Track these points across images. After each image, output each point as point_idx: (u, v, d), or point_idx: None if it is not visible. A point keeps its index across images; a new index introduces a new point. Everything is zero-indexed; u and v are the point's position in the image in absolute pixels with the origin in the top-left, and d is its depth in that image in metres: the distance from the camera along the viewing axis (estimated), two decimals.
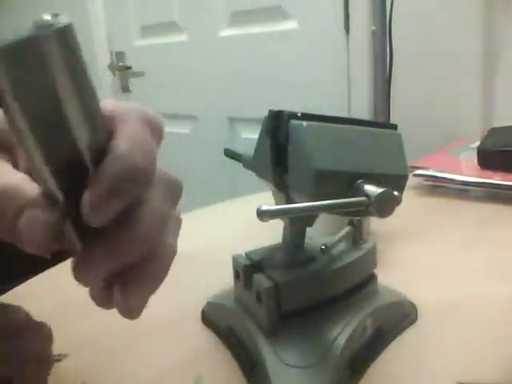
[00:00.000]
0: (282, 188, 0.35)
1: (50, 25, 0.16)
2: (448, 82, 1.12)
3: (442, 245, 0.57)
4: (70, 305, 0.46)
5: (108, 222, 0.21)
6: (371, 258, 0.40)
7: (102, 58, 1.88)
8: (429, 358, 0.36)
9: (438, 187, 0.78)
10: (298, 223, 0.37)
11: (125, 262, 0.22)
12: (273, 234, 0.40)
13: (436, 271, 0.51)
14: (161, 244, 0.24)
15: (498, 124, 1.00)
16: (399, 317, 0.41)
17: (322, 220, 0.38)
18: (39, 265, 0.47)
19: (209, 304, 0.44)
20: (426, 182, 0.79)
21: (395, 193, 0.30)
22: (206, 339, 0.41)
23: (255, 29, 1.46)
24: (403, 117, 0.97)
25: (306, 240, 0.38)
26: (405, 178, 0.35)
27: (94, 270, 0.21)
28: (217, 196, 0.82)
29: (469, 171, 0.77)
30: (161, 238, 0.23)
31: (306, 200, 0.31)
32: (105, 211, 0.20)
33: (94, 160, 0.20)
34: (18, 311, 0.29)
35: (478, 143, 0.83)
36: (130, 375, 0.37)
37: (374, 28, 0.99)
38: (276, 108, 0.34)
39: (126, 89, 1.87)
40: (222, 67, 1.56)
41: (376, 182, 0.31)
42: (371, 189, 0.30)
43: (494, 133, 0.89)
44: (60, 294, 0.49)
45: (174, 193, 0.25)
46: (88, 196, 0.20)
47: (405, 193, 0.33)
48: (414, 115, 1.14)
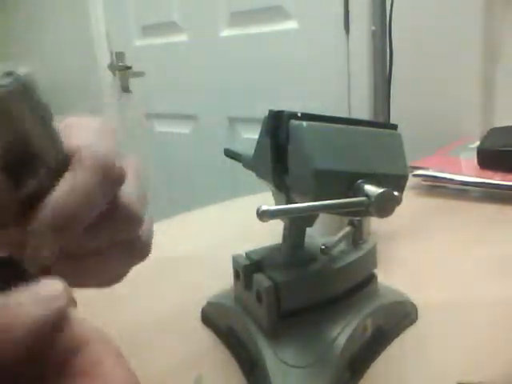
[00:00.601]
0: (282, 188, 0.35)
1: (4, 85, 0.18)
2: (448, 82, 1.12)
3: (442, 245, 0.57)
4: None
5: None
6: (371, 257, 0.40)
7: (102, 57, 1.88)
8: (429, 357, 0.36)
9: (437, 187, 0.78)
10: (297, 223, 0.37)
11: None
12: (273, 234, 0.40)
13: (436, 271, 0.51)
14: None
15: (498, 124, 1.00)
16: (399, 317, 0.41)
17: (322, 220, 0.38)
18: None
19: (209, 304, 0.44)
20: (425, 182, 0.79)
21: (395, 193, 0.30)
22: (205, 339, 0.41)
23: (255, 29, 1.46)
24: (403, 117, 0.96)
25: (306, 240, 0.38)
26: (405, 177, 0.35)
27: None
28: (217, 196, 0.82)
29: (469, 171, 0.77)
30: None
31: (306, 200, 0.31)
32: (41, 253, 0.21)
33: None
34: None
35: (477, 143, 0.83)
36: None
37: (373, 28, 0.99)
38: (276, 108, 0.34)
39: (126, 89, 1.87)
40: (222, 67, 1.56)
41: (376, 181, 0.31)
42: (371, 189, 0.30)
43: (493, 133, 0.89)
44: None
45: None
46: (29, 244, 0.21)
47: (405, 193, 0.33)
48: (413, 115, 1.14)
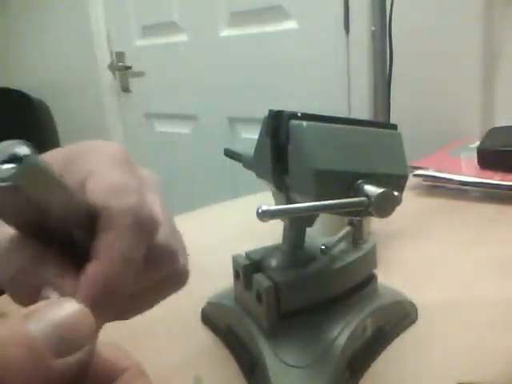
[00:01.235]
0: (282, 188, 0.35)
1: (9, 176, 0.17)
2: (448, 82, 1.12)
3: (442, 245, 0.57)
4: None
5: None
6: (371, 258, 0.40)
7: (102, 57, 1.88)
8: (429, 357, 0.36)
9: (437, 187, 0.78)
10: (297, 223, 0.37)
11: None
12: (273, 234, 0.40)
13: (436, 271, 0.51)
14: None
15: (498, 124, 1.00)
16: (399, 317, 0.41)
17: (322, 220, 0.38)
18: None
19: (209, 304, 0.44)
20: (425, 182, 0.79)
21: (395, 193, 0.30)
22: (205, 339, 0.41)
23: (255, 29, 1.46)
24: (403, 117, 0.96)
25: (306, 240, 0.38)
26: (405, 177, 0.35)
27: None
28: (217, 196, 0.82)
29: (469, 171, 0.77)
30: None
31: (306, 200, 0.31)
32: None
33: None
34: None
35: (477, 143, 0.83)
36: None
37: (373, 28, 0.99)
38: (276, 108, 0.34)
39: (126, 89, 1.87)
40: (222, 67, 1.56)
41: (376, 182, 0.31)
42: (371, 189, 0.30)
43: (493, 133, 0.89)
44: None
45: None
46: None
47: (405, 193, 0.33)
48: (413, 115, 1.14)
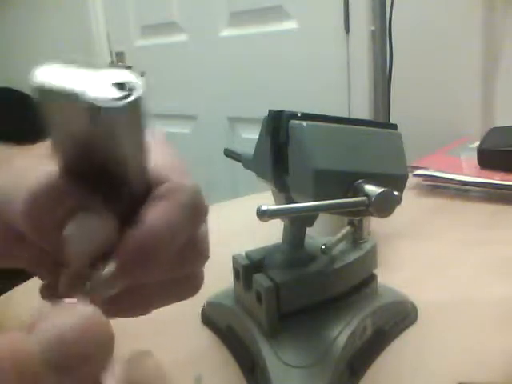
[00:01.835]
0: (282, 188, 0.35)
1: (125, 95, 0.17)
2: (448, 82, 1.12)
3: (442, 245, 0.57)
4: None
5: None
6: (371, 257, 0.40)
7: (102, 58, 1.88)
8: (429, 358, 0.36)
9: (437, 187, 0.78)
10: (297, 223, 0.37)
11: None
12: (273, 234, 0.40)
13: (436, 271, 0.51)
14: None
15: (498, 124, 1.00)
16: (399, 317, 0.40)
17: (322, 220, 0.38)
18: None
19: (209, 304, 0.44)
20: (425, 182, 0.79)
21: (395, 193, 0.30)
22: (205, 339, 0.41)
23: (255, 29, 1.46)
24: (403, 117, 0.96)
25: (306, 240, 0.38)
26: (405, 177, 0.35)
27: None
28: (217, 196, 0.82)
29: (469, 171, 0.77)
30: None
31: (306, 200, 0.31)
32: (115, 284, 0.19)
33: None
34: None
35: (477, 143, 0.83)
36: None
37: (373, 28, 0.99)
38: (276, 108, 0.34)
39: None
40: (222, 67, 1.55)
41: (376, 181, 0.31)
42: (371, 189, 0.30)
43: (493, 133, 0.89)
44: None
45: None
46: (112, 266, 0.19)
47: (405, 193, 0.33)
48: (413, 115, 1.14)
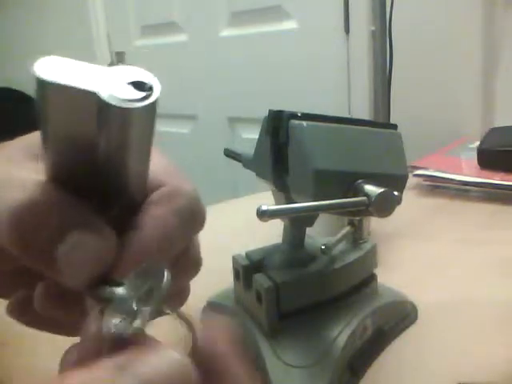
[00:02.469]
0: (282, 188, 0.35)
1: (142, 97, 0.16)
2: (448, 82, 1.12)
3: (442, 245, 0.57)
4: None
5: None
6: (371, 257, 0.40)
7: (102, 58, 1.88)
8: (429, 358, 0.36)
9: (437, 187, 0.78)
10: (297, 223, 0.37)
11: None
12: (273, 234, 0.40)
13: (436, 271, 0.51)
14: None
15: (498, 124, 1.00)
16: (399, 317, 0.40)
17: (322, 220, 0.38)
18: None
19: (209, 304, 0.43)
20: (425, 182, 0.79)
21: (395, 193, 0.30)
22: None
23: (255, 29, 1.46)
24: (403, 117, 0.96)
25: (306, 240, 0.38)
26: (405, 177, 0.35)
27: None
28: (217, 196, 0.82)
29: (469, 171, 0.77)
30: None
31: (306, 200, 0.31)
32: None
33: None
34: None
35: (477, 143, 0.83)
36: None
37: (373, 28, 0.99)
38: (276, 108, 0.34)
39: None
40: (222, 67, 1.55)
41: (376, 182, 0.31)
42: (371, 189, 0.30)
43: (493, 133, 0.89)
44: None
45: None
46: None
47: (405, 193, 0.33)
48: (413, 115, 1.14)
